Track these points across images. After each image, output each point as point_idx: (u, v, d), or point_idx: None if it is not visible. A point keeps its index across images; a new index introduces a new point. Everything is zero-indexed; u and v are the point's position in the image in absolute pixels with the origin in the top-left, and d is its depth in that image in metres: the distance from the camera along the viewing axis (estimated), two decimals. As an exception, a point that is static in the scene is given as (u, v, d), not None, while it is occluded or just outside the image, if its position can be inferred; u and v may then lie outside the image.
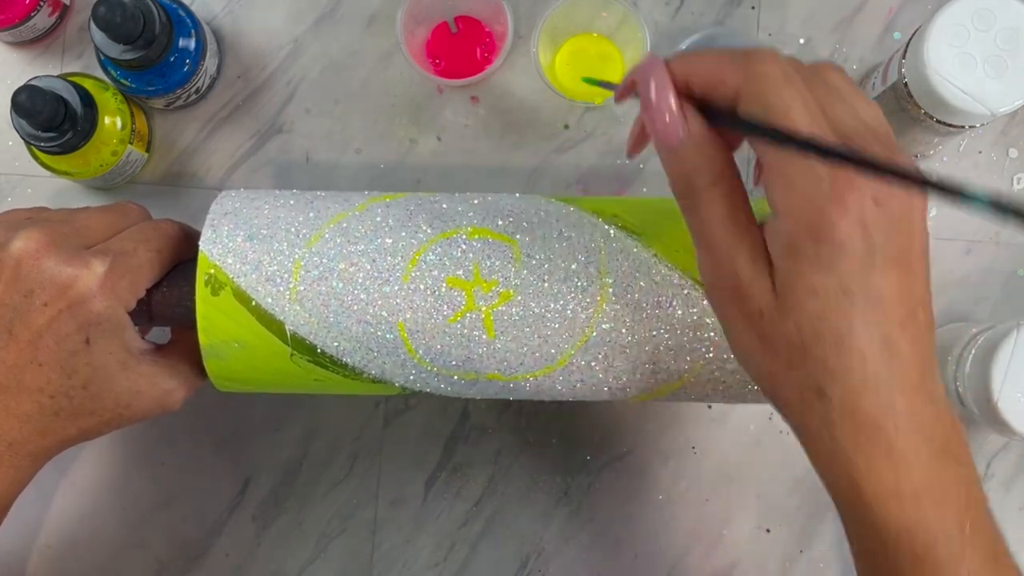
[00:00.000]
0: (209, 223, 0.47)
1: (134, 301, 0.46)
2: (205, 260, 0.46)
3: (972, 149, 0.59)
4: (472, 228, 0.47)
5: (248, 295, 0.46)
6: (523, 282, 0.46)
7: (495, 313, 0.46)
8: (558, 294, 0.46)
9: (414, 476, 0.59)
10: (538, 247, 0.46)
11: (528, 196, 0.49)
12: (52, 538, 0.59)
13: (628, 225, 0.47)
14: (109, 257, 0.45)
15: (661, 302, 0.45)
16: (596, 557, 0.58)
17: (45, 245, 0.44)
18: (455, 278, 0.46)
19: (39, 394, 0.44)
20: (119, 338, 0.45)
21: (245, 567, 0.59)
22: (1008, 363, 0.50)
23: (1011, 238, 0.59)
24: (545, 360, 0.46)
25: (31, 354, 0.44)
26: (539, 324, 0.46)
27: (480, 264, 0.46)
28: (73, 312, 0.43)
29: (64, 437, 0.46)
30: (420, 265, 0.46)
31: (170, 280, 0.48)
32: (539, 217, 0.47)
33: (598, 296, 0.46)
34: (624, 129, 0.60)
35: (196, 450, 0.59)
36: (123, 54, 0.53)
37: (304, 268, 0.46)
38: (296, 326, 0.46)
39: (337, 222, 0.47)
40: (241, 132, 0.60)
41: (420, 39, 0.60)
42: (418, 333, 0.46)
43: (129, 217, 0.49)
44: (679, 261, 0.46)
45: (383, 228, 0.47)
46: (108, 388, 0.45)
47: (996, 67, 0.49)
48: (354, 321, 0.46)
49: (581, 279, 0.46)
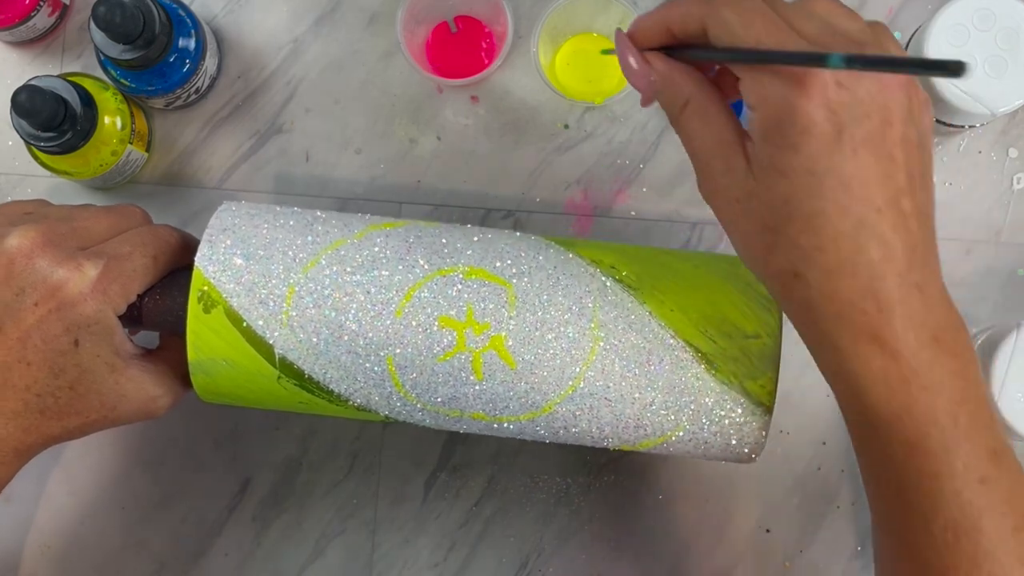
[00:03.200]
0: (207, 238, 0.47)
1: (125, 305, 0.46)
2: (200, 276, 0.46)
3: (972, 149, 0.59)
4: (469, 268, 0.46)
5: (240, 316, 0.46)
6: (516, 328, 0.46)
7: (485, 356, 0.46)
8: (549, 343, 0.46)
9: (414, 476, 0.59)
10: (534, 293, 0.46)
11: (528, 237, 0.49)
12: (52, 538, 0.59)
13: (625, 279, 0.47)
14: (103, 260, 0.45)
15: (651, 360, 0.46)
16: (596, 557, 0.58)
17: (40, 244, 0.44)
18: (448, 318, 0.46)
19: (25, 392, 0.44)
20: (108, 341, 0.45)
21: (245, 567, 0.59)
22: (1008, 363, 0.50)
23: (1011, 238, 0.59)
24: (530, 406, 0.47)
25: (20, 352, 0.44)
26: (527, 371, 0.46)
27: (474, 306, 0.46)
28: (62, 313, 0.44)
29: (48, 435, 0.46)
30: (414, 301, 0.46)
31: (163, 287, 0.48)
32: (537, 262, 0.47)
33: (589, 349, 0.46)
34: (624, 129, 0.60)
35: (196, 450, 0.59)
36: (123, 54, 0.53)
37: (298, 294, 0.45)
38: (285, 351, 0.46)
39: (335, 248, 0.47)
40: (241, 132, 0.60)
41: (420, 39, 0.60)
42: (406, 368, 0.46)
43: (129, 220, 0.49)
44: (672, 320, 0.46)
45: (380, 259, 0.46)
46: (95, 390, 0.45)
47: (996, 67, 0.49)
48: (344, 351, 0.46)
49: (573, 330, 0.46)
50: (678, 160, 0.60)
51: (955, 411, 0.37)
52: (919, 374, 0.36)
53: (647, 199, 0.60)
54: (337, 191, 0.60)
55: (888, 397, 0.36)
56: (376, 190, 0.60)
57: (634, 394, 0.46)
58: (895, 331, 0.36)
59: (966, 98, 0.49)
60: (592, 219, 0.60)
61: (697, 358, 0.46)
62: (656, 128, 0.60)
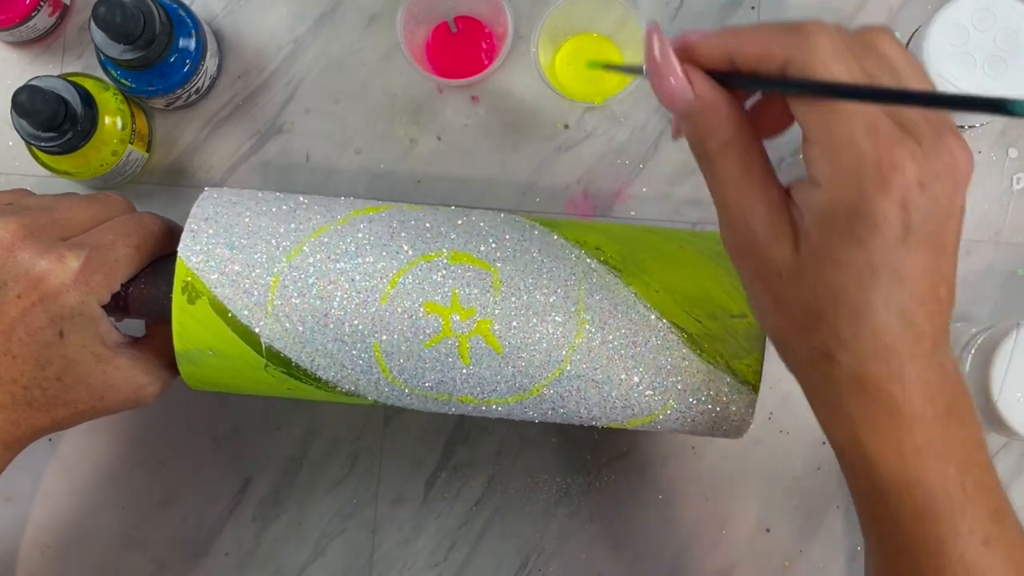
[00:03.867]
0: (189, 228, 0.47)
1: (108, 295, 0.46)
2: (183, 267, 0.46)
3: (972, 149, 0.59)
4: (454, 252, 0.46)
5: (225, 306, 0.46)
6: (501, 312, 0.46)
7: (471, 341, 0.46)
8: (535, 327, 0.46)
9: (414, 476, 0.59)
10: (519, 277, 0.46)
11: (513, 219, 0.49)
12: (51, 538, 0.59)
13: (610, 259, 0.47)
14: (84, 251, 0.44)
15: (637, 342, 0.46)
16: (596, 557, 0.58)
17: (21, 237, 0.44)
18: (433, 303, 0.46)
19: (12, 385, 0.44)
20: (93, 331, 0.45)
21: (245, 567, 0.59)
22: (1008, 363, 0.50)
23: (1011, 238, 0.59)
24: (518, 389, 0.47)
25: (5, 346, 0.44)
26: (514, 355, 0.46)
27: (459, 291, 0.46)
28: (46, 306, 0.43)
29: (37, 427, 0.46)
30: (399, 287, 0.46)
31: (147, 276, 0.48)
32: (522, 246, 0.47)
33: (574, 332, 0.46)
34: (624, 129, 0.60)
35: (196, 450, 0.59)
36: (123, 54, 0.53)
37: (282, 283, 0.45)
38: (272, 339, 0.46)
39: (318, 236, 0.46)
40: (241, 132, 0.60)
41: (420, 39, 0.60)
42: (393, 355, 0.46)
43: (111, 209, 0.49)
44: (658, 302, 0.46)
45: (364, 246, 0.46)
46: (82, 380, 0.45)
47: (996, 67, 0.49)
48: (330, 339, 0.46)
49: (559, 314, 0.46)
50: (678, 160, 0.60)
51: (963, 478, 0.37)
52: (932, 444, 0.37)
53: (647, 199, 0.60)
54: (337, 191, 0.60)
55: (901, 467, 0.37)
56: (376, 190, 0.60)
57: (620, 375, 0.46)
58: (915, 407, 0.36)
59: (966, 98, 0.49)
60: (592, 219, 0.60)
61: (683, 339, 0.46)
62: (656, 128, 0.60)
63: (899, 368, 0.35)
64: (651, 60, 0.36)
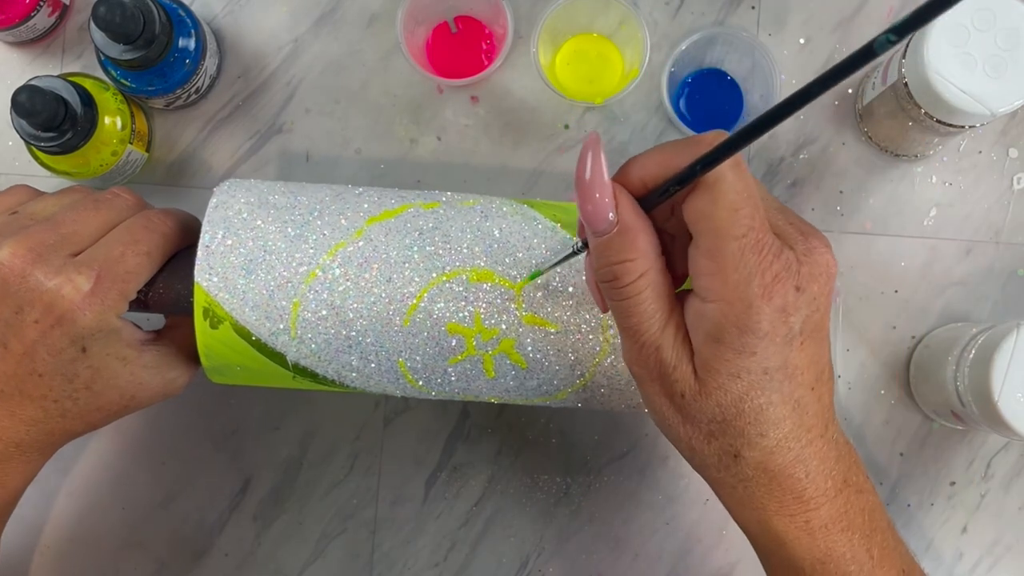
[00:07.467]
0: (204, 247, 0.46)
1: (125, 305, 0.45)
2: (202, 292, 0.45)
3: (972, 149, 0.59)
4: (474, 271, 0.46)
5: (248, 330, 0.46)
6: (525, 331, 0.46)
7: (495, 359, 0.46)
8: (559, 345, 0.46)
9: (414, 476, 0.59)
10: (541, 295, 0.46)
11: (534, 223, 0.47)
12: (52, 538, 0.59)
13: None
14: (95, 270, 0.44)
15: None
16: (596, 557, 0.58)
17: (31, 261, 0.43)
18: (456, 325, 0.45)
19: (43, 400, 0.44)
20: (116, 338, 0.45)
21: (245, 567, 0.59)
22: (1008, 363, 0.50)
23: (1011, 238, 0.59)
24: (542, 394, 0.48)
25: (29, 366, 0.43)
26: (538, 370, 0.46)
27: (481, 311, 0.45)
28: (64, 328, 0.43)
29: (71, 432, 0.46)
30: (421, 309, 0.45)
31: (165, 279, 0.47)
32: (544, 258, 0.46)
33: (599, 348, 0.46)
34: (624, 129, 0.60)
35: (196, 450, 0.59)
36: (123, 54, 0.53)
37: (303, 307, 0.45)
38: (298, 358, 0.46)
39: (334, 254, 0.46)
40: (241, 132, 0.60)
41: (420, 39, 0.60)
42: (419, 370, 0.46)
43: (120, 210, 0.48)
44: None
45: (383, 265, 0.45)
46: (112, 385, 0.45)
47: (996, 67, 0.49)
48: (356, 357, 0.46)
49: (583, 331, 0.46)
50: (678, 160, 0.59)
51: (869, 545, 0.40)
52: (837, 519, 0.39)
53: (647, 199, 0.60)
54: (337, 191, 0.60)
55: (811, 545, 0.39)
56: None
57: None
58: (818, 486, 0.39)
59: (966, 98, 0.49)
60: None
61: None
62: (656, 129, 0.60)
63: (800, 452, 0.38)
64: (580, 175, 0.37)
